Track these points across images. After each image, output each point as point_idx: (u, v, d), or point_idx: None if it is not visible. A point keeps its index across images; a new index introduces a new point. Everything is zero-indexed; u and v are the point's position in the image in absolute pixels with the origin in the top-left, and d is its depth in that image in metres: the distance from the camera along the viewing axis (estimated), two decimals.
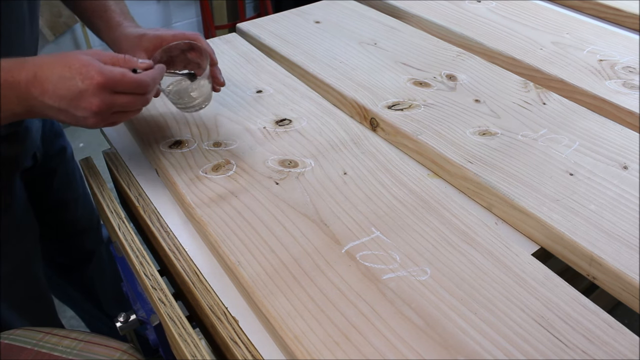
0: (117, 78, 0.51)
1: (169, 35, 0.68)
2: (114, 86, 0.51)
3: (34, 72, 0.51)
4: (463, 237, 0.55)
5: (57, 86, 0.51)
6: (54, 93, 0.51)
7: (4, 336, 0.71)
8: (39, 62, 0.52)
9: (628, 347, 0.45)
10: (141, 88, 0.54)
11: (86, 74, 0.50)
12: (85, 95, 0.50)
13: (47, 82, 0.51)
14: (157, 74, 0.57)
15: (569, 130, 0.70)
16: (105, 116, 0.53)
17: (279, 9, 1.80)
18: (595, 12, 1.01)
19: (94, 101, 0.51)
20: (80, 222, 1.01)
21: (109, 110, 0.52)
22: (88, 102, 0.51)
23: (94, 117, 0.52)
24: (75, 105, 0.51)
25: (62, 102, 0.51)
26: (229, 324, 0.51)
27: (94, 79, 0.50)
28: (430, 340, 0.45)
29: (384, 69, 0.83)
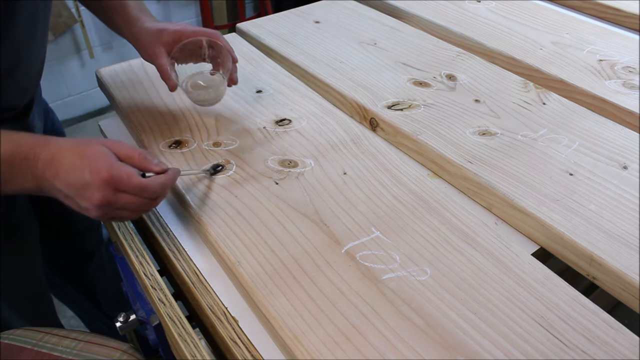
0: (122, 178, 0.51)
1: (189, 30, 0.69)
2: (118, 185, 0.51)
3: (52, 154, 0.52)
4: (463, 237, 0.55)
5: (68, 173, 0.51)
6: (64, 179, 0.51)
7: (4, 336, 0.71)
8: (60, 146, 0.53)
9: (628, 347, 0.45)
10: (145, 193, 0.53)
11: (95, 168, 0.51)
12: (90, 188, 0.51)
13: (60, 167, 0.52)
14: (168, 181, 0.55)
15: (569, 130, 0.70)
16: (107, 211, 0.53)
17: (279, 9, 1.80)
18: (595, 12, 1.01)
19: (97, 195, 0.51)
20: (80, 222, 1.01)
21: (110, 207, 0.52)
22: (91, 194, 0.51)
23: (96, 210, 0.52)
24: (80, 195, 0.51)
25: (70, 189, 0.52)
26: (228, 324, 0.51)
27: (101, 174, 0.50)
28: (430, 340, 0.45)
29: (384, 69, 0.83)
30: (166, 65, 0.68)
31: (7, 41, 0.63)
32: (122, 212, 0.54)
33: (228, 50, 0.69)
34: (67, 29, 2.10)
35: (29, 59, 0.70)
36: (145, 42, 0.69)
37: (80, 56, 2.20)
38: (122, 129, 0.77)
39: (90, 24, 2.15)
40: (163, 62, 0.68)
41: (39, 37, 0.70)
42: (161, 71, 0.69)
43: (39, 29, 0.69)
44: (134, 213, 0.56)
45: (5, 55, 0.63)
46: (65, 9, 2.04)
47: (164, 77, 0.69)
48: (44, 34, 0.72)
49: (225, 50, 0.69)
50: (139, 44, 0.70)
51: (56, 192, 0.53)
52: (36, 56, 0.72)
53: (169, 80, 0.68)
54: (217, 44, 0.70)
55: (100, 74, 0.85)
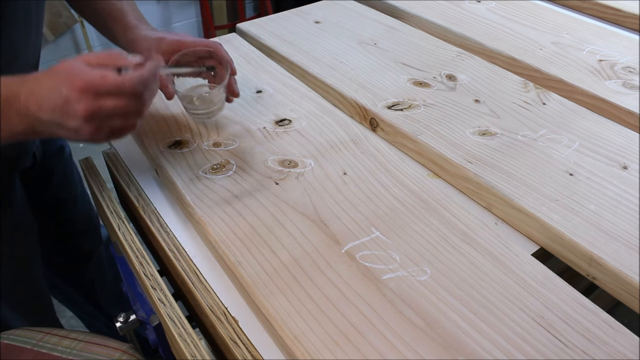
0: (96, 81, 0.48)
1: (188, 40, 0.67)
2: (95, 89, 0.48)
3: (31, 88, 0.50)
4: (463, 237, 0.55)
5: (49, 98, 0.49)
6: (46, 106, 0.49)
7: (4, 336, 0.71)
8: (36, 77, 0.51)
9: (628, 347, 0.45)
10: (125, 89, 0.50)
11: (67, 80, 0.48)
12: (71, 103, 0.48)
13: (40, 95, 0.49)
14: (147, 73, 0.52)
15: (569, 130, 0.70)
16: (98, 123, 0.50)
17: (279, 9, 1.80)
18: (595, 12, 1.01)
19: (79, 107, 0.48)
20: (79, 222, 1.01)
21: (98, 116, 0.49)
22: (74, 109, 0.48)
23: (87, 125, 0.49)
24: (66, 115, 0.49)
25: (54, 114, 0.49)
26: (228, 324, 0.51)
27: (75, 84, 0.48)
28: (430, 340, 0.45)
29: (384, 69, 0.83)
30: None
31: (3, 37, 0.63)
32: (113, 120, 0.51)
33: (227, 61, 0.67)
34: (67, 29, 2.10)
35: (24, 57, 0.70)
36: (142, 49, 0.68)
37: None
38: None
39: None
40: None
41: (32, 35, 0.70)
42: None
43: (32, 27, 0.69)
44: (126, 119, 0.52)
45: (1, 52, 0.63)
46: (65, 9, 2.04)
47: (160, 85, 0.67)
48: (37, 32, 0.72)
49: (224, 61, 0.67)
50: (136, 50, 0.69)
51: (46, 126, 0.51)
52: (31, 54, 0.72)
53: (166, 88, 0.67)
54: (216, 55, 0.68)
55: None
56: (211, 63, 0.69)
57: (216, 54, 0.68)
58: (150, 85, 0.53)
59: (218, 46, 0.68)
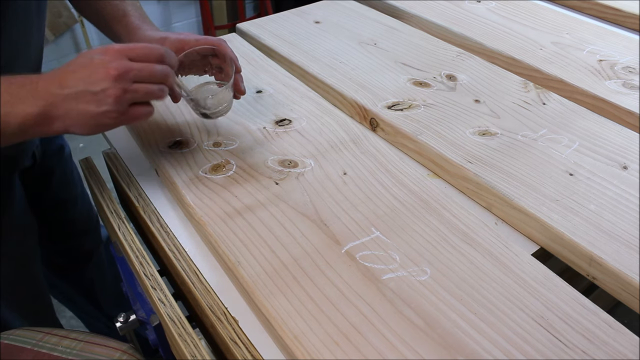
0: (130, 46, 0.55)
1: (191, 39, 0.67)
2: (128, 52, 0.54)
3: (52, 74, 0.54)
4: (463, 237, 0.55)
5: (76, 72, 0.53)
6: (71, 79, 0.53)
7: (3, 336, 0.71)
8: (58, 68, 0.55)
9: (628, 347, 0.45)
10: (154, 53, 0.56)
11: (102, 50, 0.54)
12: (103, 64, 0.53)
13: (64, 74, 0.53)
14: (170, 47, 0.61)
15: (569, 130, 0.70)
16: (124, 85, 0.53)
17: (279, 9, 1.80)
18: (595, 12, 1.01)
19: (112, 65, 0.52)
20: (79, 222, 1.01)
21: (127, 77, 0.53)
22: (105, 69, 0.52)
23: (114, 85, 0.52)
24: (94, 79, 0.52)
25: (80, 83, 0.52)
26: (228, 324, 0.51)
27: (109, 50, 0.54)
28: (430, 340, 0.45)
29: (384, 69, 0.83)
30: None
31: (3, 37, 0.63)
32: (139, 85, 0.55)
33: (232, 59, 0.67)
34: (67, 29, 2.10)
35: (25, 56, 0.70)
36: None
37: None
38: (122, 129, 0.77)
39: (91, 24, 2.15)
40: None
41: (34, 34, 0.70)
42: None
43: (34, 26, 0.69)
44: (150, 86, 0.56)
45: (2, 52, 0.63)
46: (65, 9, 2.04)
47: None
48: (39, 32, 0.72)
49: (229, 59, 0.67)
50: None
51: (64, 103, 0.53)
52: (33, 54, 0.72)
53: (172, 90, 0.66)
54: (220, 53, 0.68)
55: None
56: (214, 61, 0.69)
57: (220, 52, 0.68)
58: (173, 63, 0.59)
59: (222, 44, 0.68)
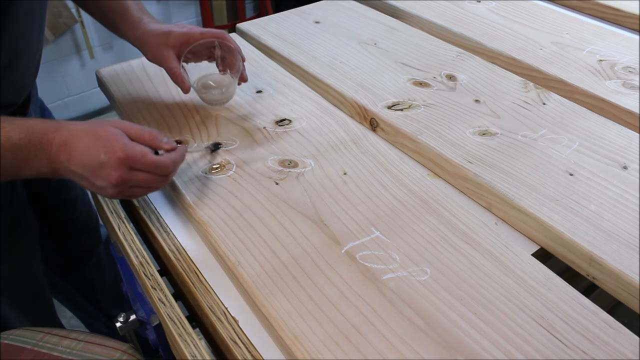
0: (137, 157, 0.54)
1: (196, 33, 0.69)
2: (133, 164, 0.53)
3: (65, 138, 0.54)
4: (463, 237, 0.55)
5: (83, 155, 0.53)
6: (79, 161, 0.53)
7: (3, 336, 0.71)
8: (72, 129, 0.55)
9: (628, 347, 0.45)
10: (159, 170, 0.56)
11: (109, 148, 0.53)
12: (106, 168, 0.53)
13: (75, 150, 0.53)
14: (179, 157, 0.58)
15: (569, 130, 0.70)
16: (122, 189, 0.55)
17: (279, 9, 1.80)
18: (595, 12, 1.01)
19: (113, 174, 0.53)
20: (78, 221, 1.01)
21: (126, 184, 0.54)
22: (107, 174, 0.53)
23: (112, 188, 0.54)
24: (96, 175, 0.53)
25: (85, 170, 0.53)
26: (228, 324, 0.51)
27: (116, 154, 0.53)
28: (430, 340, 0.45)
29: (384, 69, 0.83)
30: (178, 68, 0.69)
31: (5, 36, 0.63)
32: (136, 189, 0.56)
33: (237, 50, 0.70)
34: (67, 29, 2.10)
35: (27, 55, 0.70)
36: (152, 45, 0.70)
37: (80, 56, 2.20)
38: None
39: (90, 24, 2.15)
40: (174, 65, 0.69)
41: (35, 33, 0.70)
42: (173, 74, 0.69)
43: (35, 25, 0.69)
44: (147, 190, 0.59)
45: (3, 51, 0.63)
46: (65, 9, 2.04)
47: (176, 80, 0.69)
48: (40, 30, 0.72)
49: (234, 50, 0.70)
50: (145, 46, 0.71)
51: (71, 174, 0.55)
52: (33, 53, 0.72)
53: (183, 83, 0.69)
54: (225, 45, 0.71)
55: (101, 74, 0.85)
56: (218, 52, 0.72)
57: (224, 44, 0.71)
58: (178, 166, 0.59)
59: (225, 35, 0.71)
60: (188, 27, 0.70)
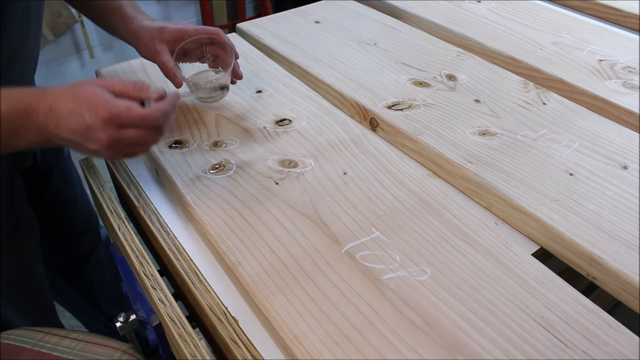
0: (122, 113, 0.50)
1: (190, 29, 0.69)
2: (119, 121, 0.50)
3: (50, 105, 0.51)
4: (463, 237, 0.55)
5: (69, 120, 0.51)
6: (66, 127, 0.51)
7: (3, 336, 0.71)
8: (56, 94, 0.52)
9: (628, 347, 0.45)
10: (148, 122, 0.52)
11: (92, 109, 0.50)
12: (94, 130, 0.50)
13: (61, 116, 0.51)
14: (168, 106, 0.54)
15: (569, 130, 0.70)
16: (117, 149, 0.52)
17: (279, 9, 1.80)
18: (595, 12, 1.01)
19: (102, 136, 0.50)
20: (78, 221, 1.01)
21: (118, 145, 0.52)
22: (96, 136, 0.50)
23: (106, 150, 0.52)
24: (87, 139, 0.51)
25: (75, 135, 0.51)
26: (228, 324, 0.51)
27: (100, 115, 0.50)
28: (430, 340, 0.45)
29: (384, 69, 0.83)
30: (170, 62, 0.68)
31: (3, 36, 0.63)
32: (131, 148, 0.54)
33: (230, 47, 0.70)
34: (67, 29, 2.10)
35: (24, 54, 0.70)
36: (146, 40, 0.69)
37: (80, 56, 2.20)
38: None
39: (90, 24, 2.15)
40: (166, 60, 0.68)
41: (32, 32, 0.70)
42: (165, 69, 0.69)
43: (32, 25, 0.69)
44: (144, 146, 0.55)
45: (1, 50, 0.63)
46: (65, 9, 2.04)
47: (168, 74, 0.69)
48: (37, 29, 0.72)
49: (227, 47, 0.70)
50: (138, 41, 0.70)
51: (63, 142, 0.53)
52: (30, 52, 0.72)
53: (176, 77, 0.68)
54: (219, 42, 0.70)
55: (100, 74, 0.85)
56: (212, 50, 0.72)
57: (219, 41, 0.70)
58: (170, 116, 0.55)
59: (219, 32, 0.70)
60: (182, 24, 0.70)
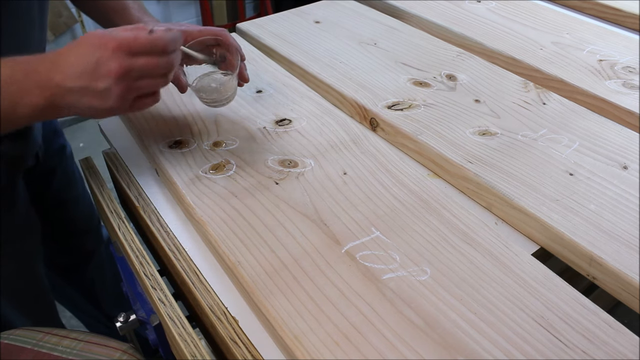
0: (130, 39, 0.50)
1: (195, 30, 0.68)
2: (129, 47, 0.50)
3: (52, 60, 0.51)
4: (463, 237, 0.55)
5: (76, 64, 0.50)
6: (74, 72, 0.50)
7: (3, 336, 0.71)
8: (58, 51, 0.52)
9: (628, 347, 0.45)
10: (157, 46, 0.52)
11: (100, 43, 0.50)
12: (103, 61, 0.49)
13: (66, 64, 0.51)
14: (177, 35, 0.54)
15: (569, 130, 0.70)
16: (128, 83, 0.51)
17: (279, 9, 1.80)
18: (595, 12, 1.01)
19: (112, 65, 0.49)
20: (80, 221, 1.01)
21: (130, 74, 0.51)
22: (106, 68, 0.50)
23: (116, 85, 0.50)
24: (96, 77, 0.50)
25: (83, 78, 0.50)
26: (228, 324, 0.51)
27: (108, 45, 0.49)
28: (430, 340, 0.45)
29: (384, 69, 0.83)
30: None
31: (4, 34, 0.63)
32: (143, 81, 0.53)
33: (236, 48, 0.69)
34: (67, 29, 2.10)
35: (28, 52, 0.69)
36: None
37: None
38: (122, 128, 0.77)
39: (90, 23, 2.15)
40: None
41: (36, 31, 0.70)
42: None
43: (36, 24, 0.69)
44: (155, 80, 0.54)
45: (3, 48, 0.63)
46: (65, 9, 2.04)
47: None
48: (42, 29, 0.72)
49: (233, 48, 0.69)
50: None
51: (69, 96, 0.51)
52: (35, 50, 0.72)
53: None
54: (224, 43, 0.69)
55: None
56: (219, 50, 0.70)
57: (224, 42, 0.69)
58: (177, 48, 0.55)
59: (225, 34, 0.69)
60: (186, 25, 0.69)
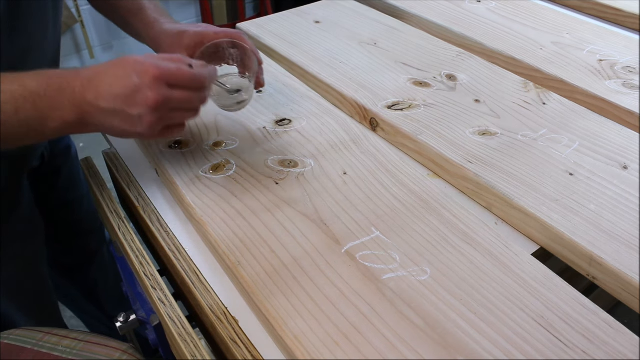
0: (172, 71, 0.50)
1: (211, 32, 0.67)
2: (170, 79, 0.50)
3: (89, 77, 0.51)
4: (463, 237, 0.55)
5: (113, 86, 0.50)
6: (109, 94, 0.50)
7: (3, 336, 0.71)
8: (94, 70, 0.52)
9: (628, 347, 0.45)
10: (197, 82, 0.52)
11: (142, 70, 0.50)
12: (142, 89, 0.49)
13: (102, 84, 0.50)
14: (213, 71, 0.56)
15: (569, 130, 0.70)
16: (162, 113, 0.51)
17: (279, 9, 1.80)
18: (595, 12, 1.01)
19: (151, 95, 0.49)
20: (84, 222, 1.01)
21: (165, 106, 0.51)
22: (144, 96, 0.49)
23: (151, 114, 0.50)
24: (132, 103, 0.50)
25: (117, 101, 0.50)
26: (228, 324, 0.51)
27: (150, 72, 0.49)
28: (430, 340, 0.45)
29: (384, 69, 0.83)
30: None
31: (18, 32, 0.62)
32: (176, 113, 0.53)
33: (253, 52, 0.67)
34: (67, 29, 2.10)
35: (42, 49, 0.69)
36: (166, 45, 0.68)
37: (80, 56, 2.20)
38: None
39: (90, 24, 2.15)
40: None
41: (50, 29, 0.69)
42: None
43: (49, 22, 0.69)
44: (187, 113, 0.55)
45: (17, 45, 0.63)
46: (65, 9, 2.04)
47: None
48: (55, 27, 0.71)
49: (249, 51, 0.67)
50: (159, 47, 0.69)
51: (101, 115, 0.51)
52: (49, 47, 0.71)
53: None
54: (240, 45, 0.68)
55: None
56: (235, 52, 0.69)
57: (240, 45, 0.68)
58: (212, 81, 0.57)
59: (241, 36, 0.68)
60: (203, 27, 0.68)
